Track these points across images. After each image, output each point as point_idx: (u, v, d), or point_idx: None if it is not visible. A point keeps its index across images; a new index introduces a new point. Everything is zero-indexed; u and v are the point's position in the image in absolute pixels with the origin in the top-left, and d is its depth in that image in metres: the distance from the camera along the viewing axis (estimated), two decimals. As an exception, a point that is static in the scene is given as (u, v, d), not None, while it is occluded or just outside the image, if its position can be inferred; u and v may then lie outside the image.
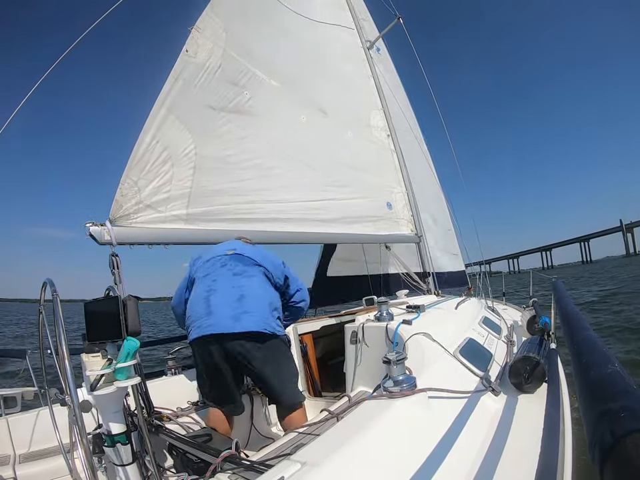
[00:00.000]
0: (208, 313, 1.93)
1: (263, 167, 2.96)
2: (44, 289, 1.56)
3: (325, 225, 3.26)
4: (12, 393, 2.09)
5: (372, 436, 1.24)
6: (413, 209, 4.21)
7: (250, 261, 2.12)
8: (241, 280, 2.03)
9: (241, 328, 1.87)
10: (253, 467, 1.33)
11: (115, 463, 1.47)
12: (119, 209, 2.21)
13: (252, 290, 2.01)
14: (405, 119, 5.86)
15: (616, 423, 0.42)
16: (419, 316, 2.32)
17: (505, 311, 4.36)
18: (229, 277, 2.04)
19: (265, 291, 2.07)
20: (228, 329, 1.87)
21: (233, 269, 2.07)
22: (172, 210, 2.40)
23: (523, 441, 1.39)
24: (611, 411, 0.46)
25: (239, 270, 2.06)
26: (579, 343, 0.88)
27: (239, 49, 3.02)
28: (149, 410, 1.88)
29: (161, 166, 2.40)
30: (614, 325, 8.04)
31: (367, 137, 4.18)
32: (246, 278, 2.04)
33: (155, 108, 2.45)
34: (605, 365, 0.63)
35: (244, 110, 2.96)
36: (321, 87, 3.78)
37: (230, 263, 2.09)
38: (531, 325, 3.02)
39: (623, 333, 7.23)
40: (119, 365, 1.40)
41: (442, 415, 1.50)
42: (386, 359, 1.55)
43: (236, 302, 1.93)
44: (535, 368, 1.81)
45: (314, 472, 1.02)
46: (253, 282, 2.04)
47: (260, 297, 2.01)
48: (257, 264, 2.11)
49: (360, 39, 4.60)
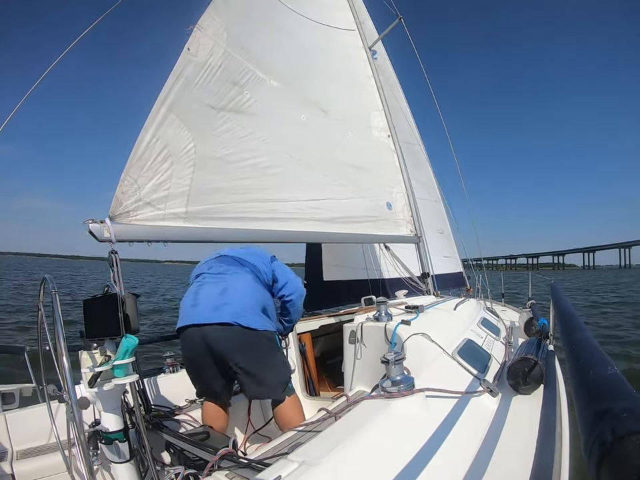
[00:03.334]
0: (194, 304, 2.07)
1: (262, 165, 2.96)
2: (43, 285, 1.56)
3: (324, 224, 3.26)
4: (10, 389, 2.09)
5: (370, 436, 1.24)
6: (413, 209, 4.22)
7: (234, 261, 2.28)
8: (225, 277, 2.17)
9: (219, 319, 1.96)
10: (250, 465, 1.33)
11: (113, 460, 1.48)
12: (118, 206, 2.20)
13: (235, 285, 2.12)
14: (406, 121, 5.88)
15: (617, 422, 0.42)
16: (417, 316, 2.32)
17: (504, 312, 4.38)
18: (213, 275, 2.21)
19: (249, 287, 2.16)
20: (208, 320, 1.97)
21: (218, 269, 2.24)
22: (171, 208, 2.40)
23: (520, 441, 1.39)
24: (613, 410, 0.45)
25: (222, 269, 2.23)
26: (576, 342, 0.88)
27: (240, 48, 3.02)
28: (146, 407, 1.88)
29: (161, 164, 2.40)
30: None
31: (367, 136, 4.18)
32: (229, 275, 2.18)
33: (155, 106, 2.44)
34: (604, 366, 0.63)
35: (244, 109, 2.96)
36: (321, 87, 3.78)
37: (215, 265, 2.28)
38: (528, 326, 3.03)
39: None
40: (117, 362, 1.40)
41: (440, 416, 1.50)
42: (384, 359, 1.55)
43: (219, 295, 2.06)
44: (533, 369, 1.81)
45: (311, 471, 1.03)
46: (236, 278, 2.17)
47: (242, 292, 2.12)
48: (240, 263, 2.26)
49: (361, 38, 4.60)
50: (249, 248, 2.49)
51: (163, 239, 2.33)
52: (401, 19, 5.21)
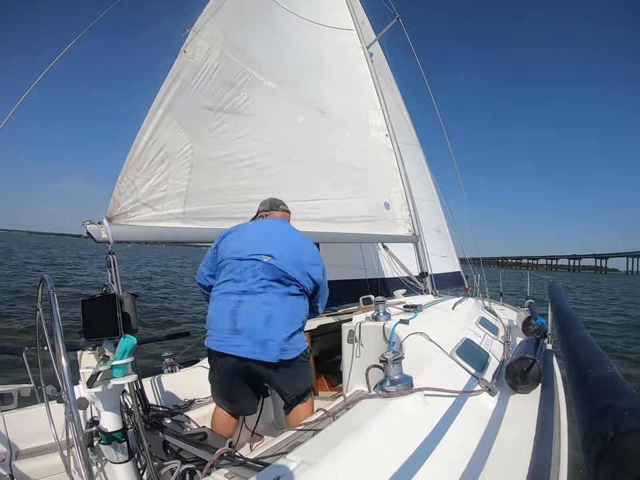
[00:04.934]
0: (234, 330, 1.85)
1: (259, 166, 2.97)
2: (41, 285, 1.56)
3: (322, 224, 3.27)
4: (8, 390, 2.08)
5: (368, 435, 1.25)
6: (411, 208, 4.22)
7: (282, 274, 1.93)
8: (271, 297, 1.90)
9: (266, 357, 1.82)
10: (249, 464, 1.33)
11: (111, 460, 1.47)
12: (116, 207, 2.21)
13: (279, 313, 1.89)
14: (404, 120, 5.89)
15: (619, 420, 0.43)
16: (416, 316, 2.32)
17: (502, 311, 4.39)
18: (256, 294, 1.90)
19: (291, 310, 1.95)
20: (254, 356, 1.82)
21: (261, 282, 1.91)
22: (168, 208, 2.40)
23: (518, 440, 1.40)
24: (614, 408, 0.46)
25: (265, 284, 1.91)
26: (575, 341, 0.88)
27: (237, 50, 3.03)
28: (145, 407, 1.88)
29: (158, 165, 2.41)
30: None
31: (365, 136, 4.18)
32: (272, 295, 1.91)
33: (152, 108, 2.45)
34: (603, 365, 0.64)
35: (241, 111, 2.97)
36: (318, 87, 3.78)
37: (261, 274, 1.91)
38: (526, 326, 3.03)
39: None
40: (115, 362, 1.40)
41: (438, 415, 1.50)
42: (383, 359, 1.56)
43: (264, 325, 1.84)
44: (531, 368, 1.82)
45: (310, 470, 1.03)
46: (281, 303, 1.92)
47: (286, 318, 1.90)
48: (288, 277, 1.94)
49: (359, 38, 4.60)
50: (291, 236, 2.11)
51: (160, 240, 2.34)
52: (399, 18, 5.22)
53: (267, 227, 2.13)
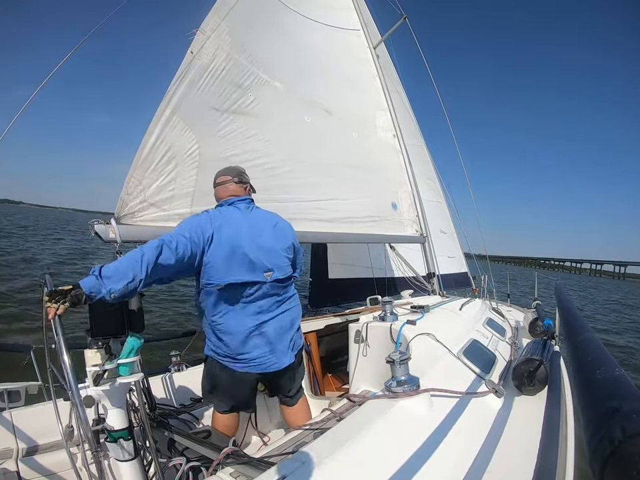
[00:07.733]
0: (271, 349, 1.88)
1: (266, 166, 2.97)
2: (44, 285, 1.57)
3: (329, 224, 3.26)
4: (16, 387, 2.11)
5: (374, 435, 1.24)
6: (418, 209, 4.20)
7: (287, 282, 1.98)
8: (289, 304, 2.00)
9: (289, 362, 1.95)
10: (255, 464, 1.33)
11: (117, 458, 1.48)
12: (124, 207, 2.23)
13: (290, 313, 2.00)
14: (411, 121, 5.86)
15: (627, 422, 0.42)
16: (423, 316, 2.31)
17: (510, 312, 4.35)
18: (276, 306, 1.93)
19: (295, 306, 2.06)
20: (284, 364, 1.93)
21: (277, 290, 1.93)
22: (176, 208, 2.42)
23: (524, 442, 1.38)
24: (622, 409, 0.45)
25: (281, 291, 1.95)
26: (582, 342, 0.87)
27: (243, 51, 3.04)
28: (151, 406, 1.89)
29: (165, 165, 2.42)
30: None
31: (372, 137, 4.17)
32: (288, 301, 2.00)
33: (159, 108, 2.47)
34: (612, 366, 0.63)
35: (247, 111, 2.98)
36: (325, 88, 3.78)
37: (271, 291, 1.89)
38: (532, 327, 3.00)
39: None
40: (122, 360, 1.41)
41: (444, 416, 1.49)
42: (390, 359, 1.55)
43: (287, 333, 1.95)
44: (538, 370, 1.80)
45: (315, 470, 1.03)
46: (292, 303, 2.03)
47: (294, 319, 2.03)
48: (289, 277, 1.99)
49: (366, 38, 4.59)
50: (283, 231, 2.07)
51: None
52: (406, 19, 5.20)
53: (254, 232, 1.91)
